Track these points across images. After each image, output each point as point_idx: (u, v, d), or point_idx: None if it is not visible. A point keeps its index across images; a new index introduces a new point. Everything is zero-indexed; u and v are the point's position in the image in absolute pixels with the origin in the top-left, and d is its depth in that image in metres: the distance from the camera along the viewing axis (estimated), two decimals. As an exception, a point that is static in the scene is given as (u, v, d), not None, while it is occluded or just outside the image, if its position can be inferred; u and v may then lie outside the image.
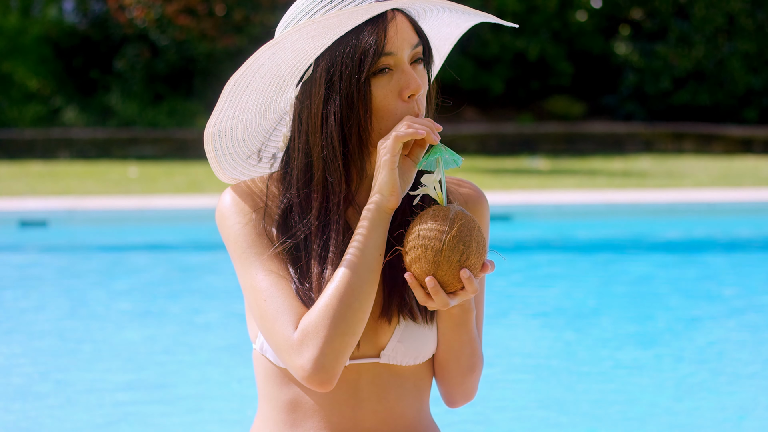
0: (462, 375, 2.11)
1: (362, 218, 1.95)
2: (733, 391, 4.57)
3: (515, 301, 6.19)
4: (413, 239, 1.89)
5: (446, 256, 1.87)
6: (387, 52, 1.98)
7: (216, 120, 2.08)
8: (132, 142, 14.73)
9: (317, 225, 2.03)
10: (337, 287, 1.94)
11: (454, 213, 1.90)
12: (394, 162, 1.92)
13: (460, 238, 1.88)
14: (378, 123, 2.01)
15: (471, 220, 1.90)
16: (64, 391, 4.57)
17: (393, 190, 1.93)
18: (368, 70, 1.98)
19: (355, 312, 1.94)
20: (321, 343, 1.93)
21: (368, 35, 1.98)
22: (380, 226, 1.95)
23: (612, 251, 8.07)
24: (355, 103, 1.98)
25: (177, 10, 15.33)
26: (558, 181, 11.33)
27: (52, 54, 16.33)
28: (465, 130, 15.13)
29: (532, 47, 16.32)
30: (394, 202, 1.94)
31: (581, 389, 4.64)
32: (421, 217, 1.91)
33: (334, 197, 2.02)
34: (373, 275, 1.95)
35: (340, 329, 1.93)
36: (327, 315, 1.93)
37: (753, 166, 13.29)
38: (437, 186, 1.94)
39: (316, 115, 2.01)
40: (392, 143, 1.92)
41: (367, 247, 1.94)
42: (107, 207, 8.97)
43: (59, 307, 6.19)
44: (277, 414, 2.10)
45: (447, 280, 1.89)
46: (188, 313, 6.02)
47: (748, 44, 16.41)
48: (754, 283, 6.94)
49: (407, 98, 2.00)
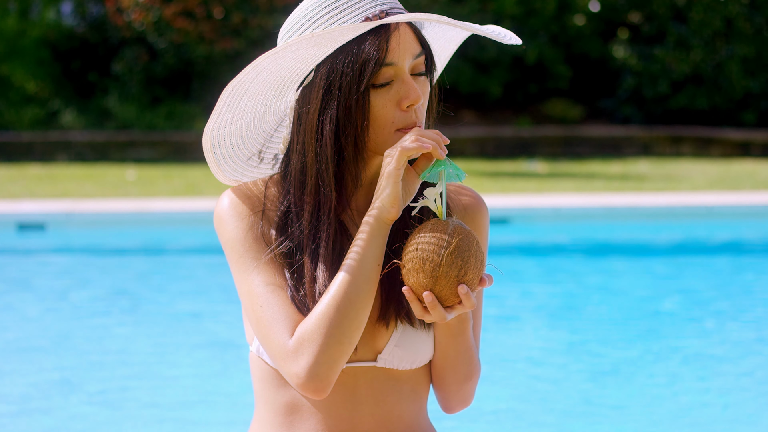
0: (459, 383, 2.11)
1: (361, 228, 1.95)
2: (733, 391, 4.57)
3: (513, 304, 6.19)
4: (411, 253, 1.88)
5: (444, 271, 1.86)
6: (388, 63, 1.97)
7: (214, 124, 2.08)
8: (130, 144, 14.73)
9: (309, 231, 2.03)
10: (333, 296, 1.93)
11: (452, 227, 1.88)
12: (398, 175, 1.91)
13: (459, 253, 1.86)
14: (374, 132, 2.00)
15: (470, 235, 1.88)
16: (61, 393, 4.56)
17: (395, 202, 1.92)
18: (368, 80, 1.96)
19: (351, 321, 1.93)
20: (316, 352, 1.93)
21: (370, 45, 1.96)
22: (379, 237, 1.94)
23: (610, 254, 8.07)
24: (352, 112, 1.98)
25: (175, 12, 15.32)
26: (556, 185, 11.33)
27: (51, 57, 16.32)
28: (463, 134, 15.14)
29: (531, 51, 16.32)
30: (394, 214, 1.93)
31: (579, 390, 4.64)
32: (420, 230, 1.89)
33: (325, 204, 2.02)
34: (370, 285, 1.94)
35: (335, 338, 1.93)
36: (323, 323, 1.93)
37: (751, 169, 13.30)
38: (438, 199, 1.92)
39: (313, 121, 2.00)
40: (398, 156, 1.90)
41: (366, 256, 1.94)
42: (105, 210, 8.96)
43: (57, 310, 6.18)
44: (274, 416, 2.09)
45: (445, 294, 1.88)
46: (186, 316, 6.02)
47: (746, 48, 16.42)
48: (754, 285, 6.94)
49: (406, 108, 1.99)
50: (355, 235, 2.04)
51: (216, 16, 15.44)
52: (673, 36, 16.47)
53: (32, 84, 16.03)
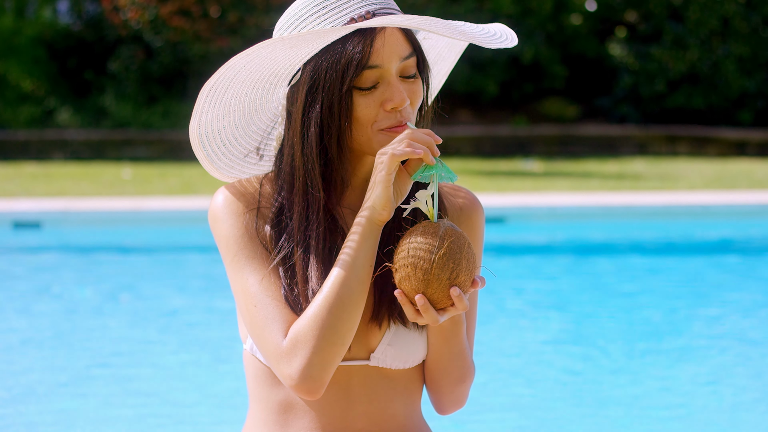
0: (452, 385, 2.11)
1: (353, 229, 1.94)
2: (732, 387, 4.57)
3: (509, 303, 6.19)
4: (403, 256, 1.87)
5: (436, 274, 1.85)
6: (372, 65, 1.96)
7: (197, 122, 2.06)
8: (126, 143, 14.72)
9: (299, 230, 2.03)
10: (326, 297, 1.93)
11: (444, 230, 1.87)
12: (389, 179, 1.90)
13: (450, 255, 1.85)
14: (357, 132, 1.99)
15: (461, 237, 1.87)
16: (57, 392, 4.56)
17: (386, 205, 1.91)
18: (350, 81, 1.95)
19: (344, 323, 1.93)
20: (309, 354, 1.93)
21: (354, 46, 1.94)
22: (371, 238, 1.93)
23: (606, 253, 8.08)
24: (335, 112, 1.97)
25: (171, 11, 15.32)
26: (552, 184, 11.34)
27: (47, 55, 16.31)
28: (459, 133, 15.14)
29: (527, 50, 16.32)
30: (386, 216, 1.92)
31: (575, 390, 4.65)
32: (411, 233, 1.88)
33: (314, 204, 2.02)
34: (362, 286, 1.94)
35: (328, 339, 1.93)
36: (315, 325, 1.93)
37: (747, 168, 13.31)
38: (429, 201, 1.91)
39: (298, 120, 2.00)
40: (389, 161, 1.89)
41: (358, 258, 1.93)
42: (101, 208, 8.96)
43: (53, 308, 6.18)
44: (268, 415, 2.09)
45: (437, 297, 1.87)
46: (181, 314, 6.02)
47: (742, 47, 16.43)
48: (749, 285, 6.95)
49: (389, 110, 1.98)
50: (347, 234, 2.04)
51: (212, 14, 15.44)
52: (669, 35, 16.48)
53: (28, 82, 16.02)
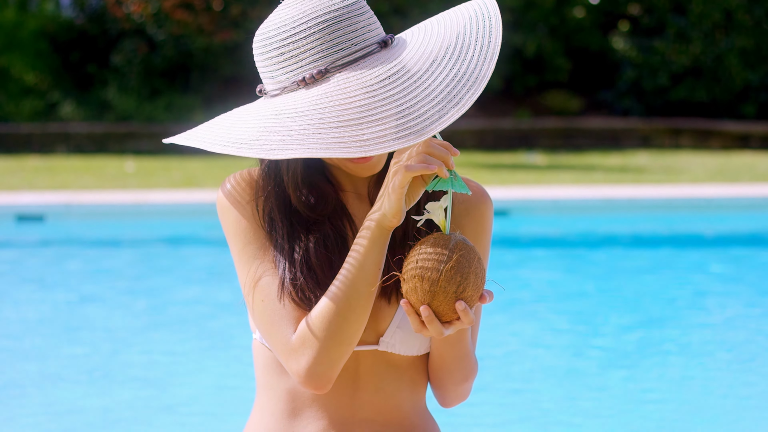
0: (456, 384, 2.11)
1: (362, 232, 1.93)
2: (737, 379, 4.57)
3: (512, 296, 6.19)
4: (411, 267, 1.86)
5: (443, 286, 1.84)
6: None
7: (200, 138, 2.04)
8: (129, 136, 14.72)
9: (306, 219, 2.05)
10: (333, 298, 1.94)
11: (454, 243, 1.86)
12: (402, 192, 1.87)
13: (458, 269, 1.84)
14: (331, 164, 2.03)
15: (471, 251, 1.86)
16: (55, 386, 4.56)
17: (397, 213, 1.89)
18: None
19: (351, 324, 1.94)
20: (316, 353, 1.94)
21: None
22: (380, 242, 1.93)
23: (609, 246, 8.08)
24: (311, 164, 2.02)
25: (174, 4, 15.31)
26: (555, 177, 11.33)
27: (49, 48, 16.30)
28: (462, 126, 15.13)
29: (530, 43, 16.31)
30: (396, 223, 1.91)
31: (578, 384, 4.64)
32: (421, 244, 1.87)
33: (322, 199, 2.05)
34: (370, 289, 1.94)
35: (335, 340, 1.94)
36: (323, 326, 1.94)
37: (750, 161, 13.30)
38: (442, 213, 1.90)
39: None
40: (401, 178, 1.86)
41: (366, 262, 1.93)
42: (104, 201, 8.96)
43: (56, 301, 6.18)
44: (276, 403, 2.10)
45: (442, 310, 1.86)
46: (184, 307, 6.02)
47: (746, 40, 16.41)
48: (752, 278, 6.95)
49: None
50: (352, 226, 2.06)
51: (215, 7, 15.43)
52: (672, 28, 16.46)
53: (31, 76, 16.02)
